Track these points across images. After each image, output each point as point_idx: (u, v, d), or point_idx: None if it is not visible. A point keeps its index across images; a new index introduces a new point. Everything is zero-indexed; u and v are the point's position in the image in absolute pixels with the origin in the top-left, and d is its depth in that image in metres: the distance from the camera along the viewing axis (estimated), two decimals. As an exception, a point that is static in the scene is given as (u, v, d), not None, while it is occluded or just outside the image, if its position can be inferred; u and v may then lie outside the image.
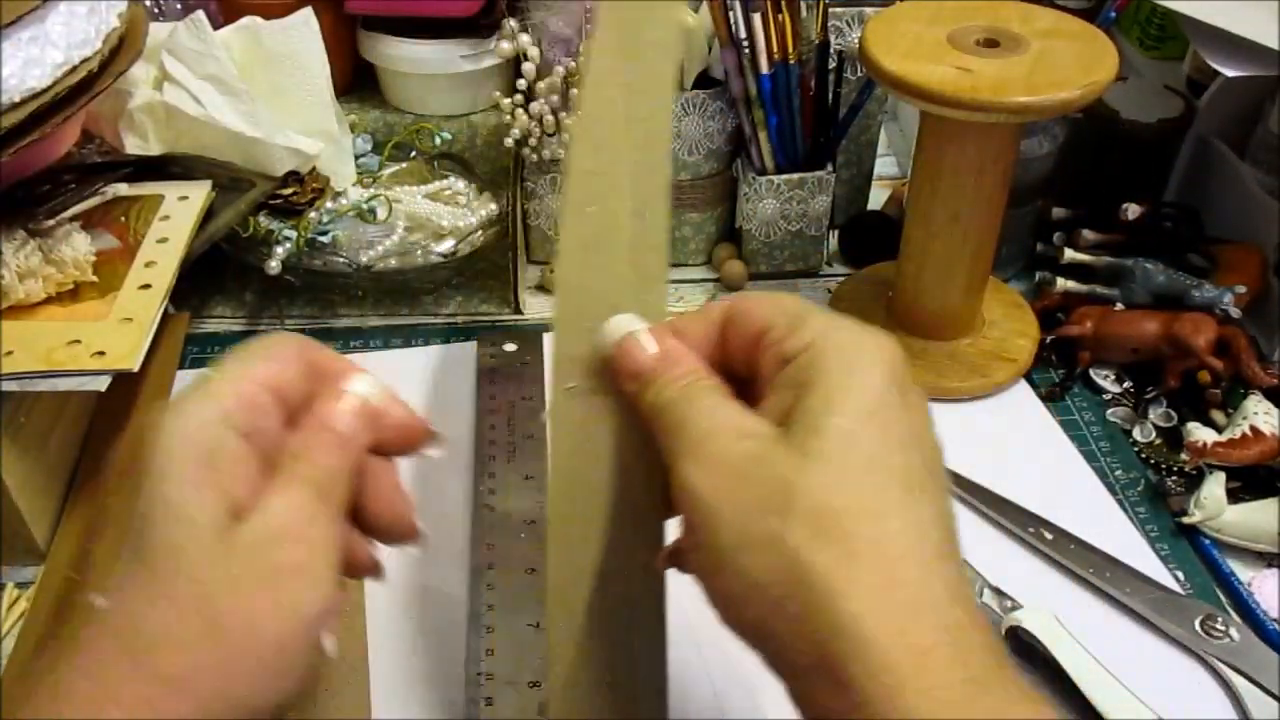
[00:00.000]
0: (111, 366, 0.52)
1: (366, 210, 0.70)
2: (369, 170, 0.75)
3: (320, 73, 0.70)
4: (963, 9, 0.61)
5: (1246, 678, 0.49)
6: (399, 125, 0.76)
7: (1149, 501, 0.60)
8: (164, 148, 0.68)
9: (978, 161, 0.59)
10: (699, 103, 0.70)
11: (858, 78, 0.74)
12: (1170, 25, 0.81)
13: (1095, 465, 0.62)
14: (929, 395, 0.67)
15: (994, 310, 0.69)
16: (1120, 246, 0.71)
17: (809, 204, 0.74)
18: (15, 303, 0.55)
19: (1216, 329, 0.63)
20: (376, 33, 0.74)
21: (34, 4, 0.53)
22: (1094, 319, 0.67)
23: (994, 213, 0.62)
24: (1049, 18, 0.61)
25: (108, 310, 0.55)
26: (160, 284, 0.57)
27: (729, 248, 0.77)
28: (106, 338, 0.53)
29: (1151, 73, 0.81)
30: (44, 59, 0.54)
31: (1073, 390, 0.67)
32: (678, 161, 0.73)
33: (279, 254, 0.67)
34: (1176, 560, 0.56)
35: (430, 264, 0.70)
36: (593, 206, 0.37)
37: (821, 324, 0.33)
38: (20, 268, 0.54)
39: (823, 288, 0.76)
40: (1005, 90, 0.54)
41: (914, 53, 0.57)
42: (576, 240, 0.37)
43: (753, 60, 0.67)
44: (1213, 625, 0.51)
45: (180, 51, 0.67)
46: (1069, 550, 0.55)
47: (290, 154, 0.68)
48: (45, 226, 0.57)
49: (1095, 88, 0.55)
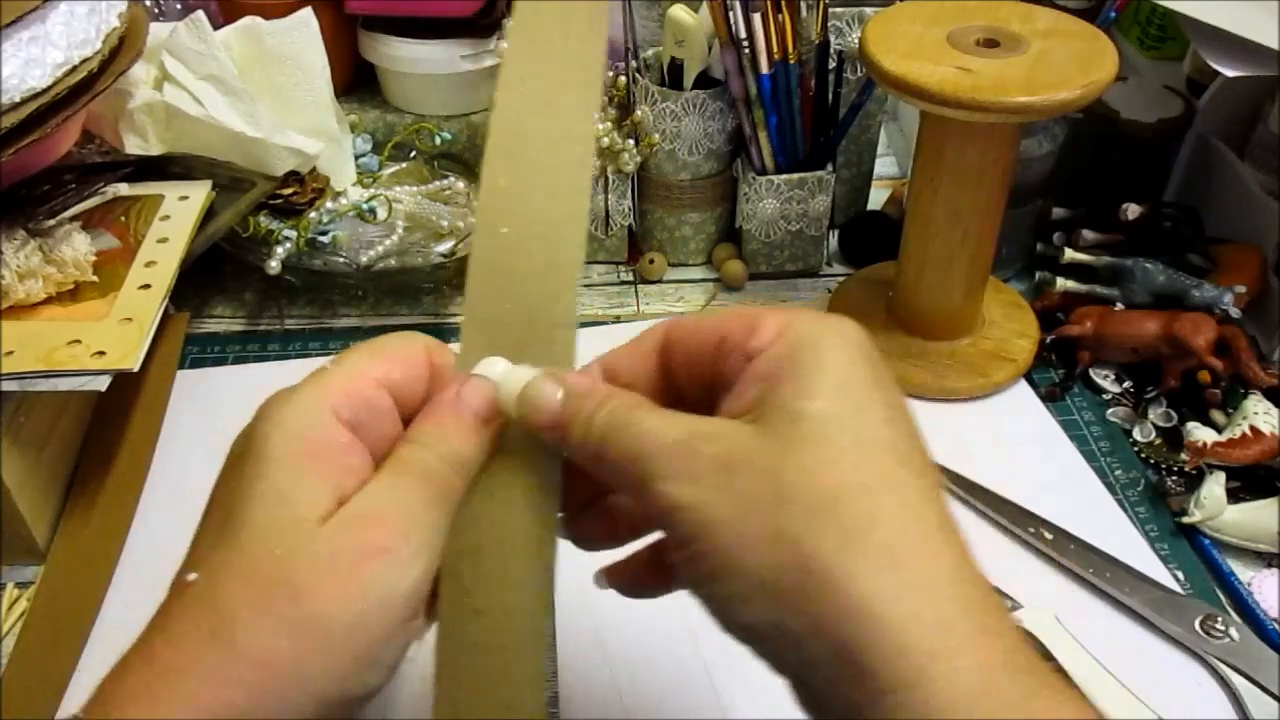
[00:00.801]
0: (111, 366, 0.52)
1: (366, 210, 0.70)
2: (369, 170, 0.75)
3: (320, 73, 0.70)
4: (963, 9, 0.61)
5: (1246, 678, 0.49)
6: (399, 125, 0.76)
7: (1149, 501, 0.60)
8: (164, 148, 0.68)
9: (978, 161, 0.59)
10: (699, 103, 0.70)
11: (858, 78, 0.74)
12: (1170, 25, 0.81)
13: (1095, 465, 0.62)
14: (929, 395, 0.68)
15: (994, 310, 0.70)
16: (1120, 246, 0.71)
17: (809, 204, 0.74)
18: (15, 303, 0.55)
19: (1216, 329, 0.63)
20: (376, 33, 0.74)
21: (34, 4, 0.53)
22: (1094, 319, 0.67)
23: (994, 213, 0.63)
24: (1049, 18, 0.61)
25: (108, 310, 0.55)
26: (160, 284, 0.57)
27: (729, 248, 0.77)
28: (106, 338, 0.53)
29: (1151, 73, 0.81)
30: (44, 59, 0.54)
31: (1073, 390, 0.67)
32: (678, 161, 0.73)
33: (279, 254, 0.67)
34: (1176, 560, 0.56)
35: (430, 264, 0.70)
36: (505, 228, 0.34)
37: (781, 317, 0.32)
38: (20, 268, 0.54)
39: (823, 288, 0.76)
40: (1005, 90, 0.54)
41: (914, 53, 0.57)
42: (486, 262, 0.34)
43: (753, 60, 0.67)
44: (1213, 625, 0.51)
45: (180, 51, 0.67)
46: (1069, 550, 0.55)
47: (290, 154, 0.68)
48: (45, 226, 0.57)
49: (1095, 88, 0.55)
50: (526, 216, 0.35)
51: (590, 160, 0.36)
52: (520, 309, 0.34)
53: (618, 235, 0.77)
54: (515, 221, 0.34)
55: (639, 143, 0.72)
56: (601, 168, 0.73)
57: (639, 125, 0.72)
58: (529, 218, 0.35)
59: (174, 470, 0.60)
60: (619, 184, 0.74)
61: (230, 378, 0.67)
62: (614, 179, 0.73)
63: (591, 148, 0.36)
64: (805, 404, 0.29)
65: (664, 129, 0.72)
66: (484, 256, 0.34)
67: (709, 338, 0.33)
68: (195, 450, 0.61)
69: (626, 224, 0.76)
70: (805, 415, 0.29)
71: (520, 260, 0.34)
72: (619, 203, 0.75)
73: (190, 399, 0.65)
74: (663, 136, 0.72)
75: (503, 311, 0.34)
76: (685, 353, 0.35)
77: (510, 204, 0.35)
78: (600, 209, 0.75)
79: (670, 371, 0.35)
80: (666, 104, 0.71)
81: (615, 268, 0.78)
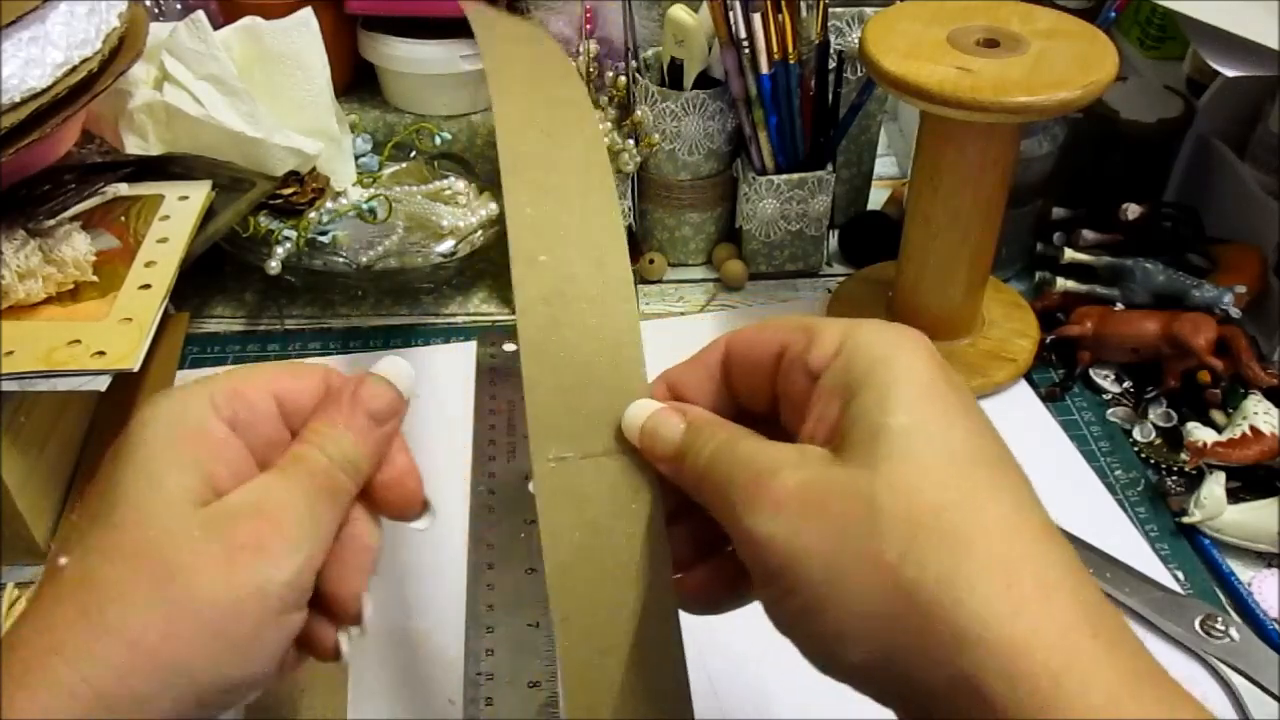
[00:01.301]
0: (111, 366, 0.52)
1: (366, 210, 0.70)
2: (369, 170, 0.75)
3: (320, 73, 0.70)
4: (963, 9, 0.61)
5: (1246, 678, 0.49)
6: (399, 125, 0.76)
7: (1149, 501, 0.60)
8: (164, 148, 0.68)
9: (978, 161, 0.59)
10: (699, 103, 0.70)
11: (858, 78, 0.74)
12: (1170, 25, 0.81)
13: (1095, 465, 0.62)
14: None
15: (994, 310, 0.69)
16: (1120, 246, 0.71)
17: (809, 204, 0.74)
18: (15, 303, 0.55)
19: (1216, 329, 0.63)
20: (376, 33, 0.74)
21: (34, 4, 0.53)
22: (1094, 319, 0.67)
23: (994, 213, 0.62)
24: (1049, 18, 0.61)
25: (108, 310, 0.55)
26: (160, 284, 0.57)
27: (729, 248, 0.77)
28: (106, 338, 0.53)
29: (1151, 73, 0.81)
30: (44, 59, 0.54)
31: (1073, 390, 0.67)
32: (678, 161, 0.73)
33: (279, 254, 0.67)
34: (1176, 560, 0.56)
35: (430, 264, 0.70)
36: (544, 255, 0.34)
37: (841, 328, 0.31)
38: (20, 268, 0.54)
39: (823, 288, 0.76)
40: (1005, 90, 0.54)
41: (914, 53, 0.57)
42: (535, 294, 0.34)
43: (753, 60, 0.67)
44: (1213, 625, 0.51)
45: (180, 51, 0.66)
46: (1069, 550, 0.55)
47: (290, 154, 0.68)
48: (45, 226, 0.57)
49: (1095, 88, 0.55)
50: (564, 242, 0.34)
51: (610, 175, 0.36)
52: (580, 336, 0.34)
53: (618, 235, 0.77)
54: (553, 252, 0.34)
55: (639, 143, 0.72)
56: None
57: (639, 125, 0.72)
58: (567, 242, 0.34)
59: (174, 470, 0.60)
60: (619, 184, 0.74)
61: (230, 378, 0.67)
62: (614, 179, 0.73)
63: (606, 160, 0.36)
64: (887, 419, 0.28)
65: (664, 129, 0.72)
66: (530, 288, 0.34)
67: (767, 351, 0.33)
68: (195, 450, 0.61)
69: (626, 224, 0.76)
70: (888, 431, 0.28)
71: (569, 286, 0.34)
72: (619, 203, 0.75)
73: (190, 399, 0.65)
74: (663, 136, 0.72)
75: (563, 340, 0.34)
76: (745, 367, 0.34)
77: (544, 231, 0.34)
78: (600, 209, 0.75)
79: (733, 386, 0.34)
80: (666, 104, 0.71)
81: (615, 268, 0.78)
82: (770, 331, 0.33)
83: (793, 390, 0.32)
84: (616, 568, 0.33)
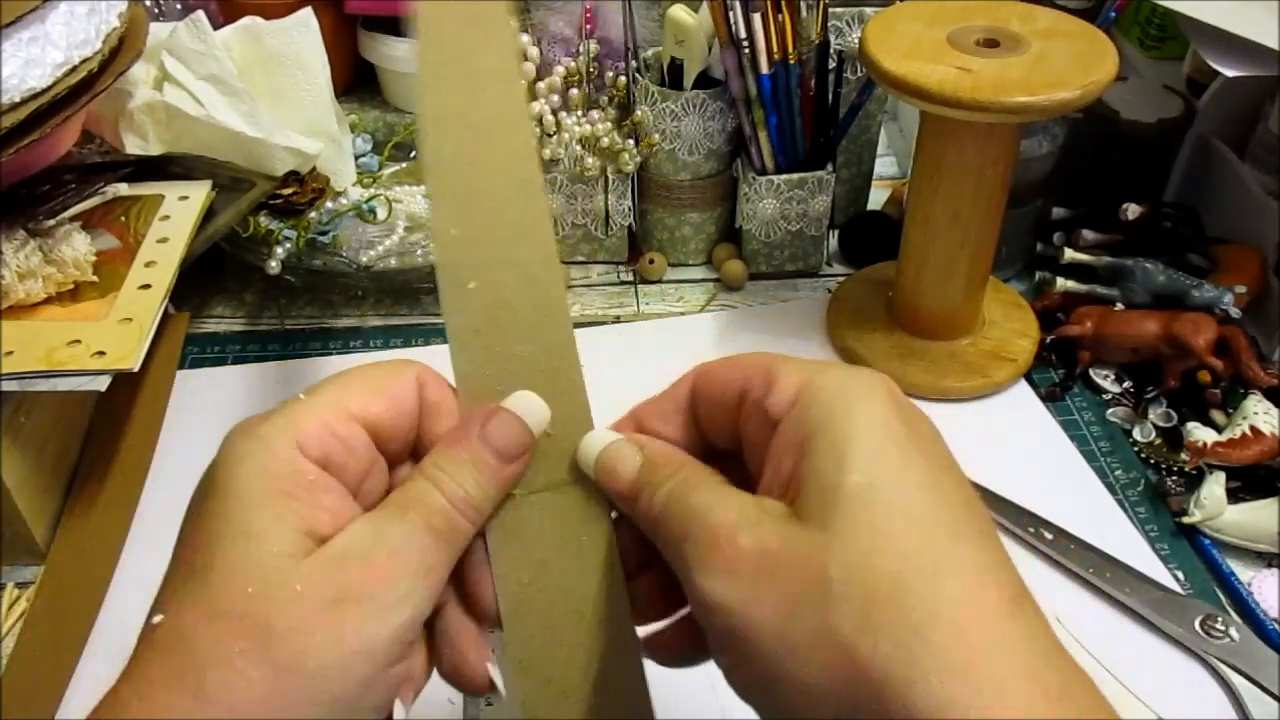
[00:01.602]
0: (111, 366, 0.52)
1: (366, 210, 0.70)
2: (369, 170, 0.75)
3: (320, 73, 0.70)
4: (963, 9, 0.61)
5: (1246, 678, 0.49)
6: (399, 125, 0.76)
7: (1149, 501, 0.60)
8: (164, 148, 0.68)
9: (978, 161, 0.59)
10: (699, 103, 0.70)
11: (858, 78, 0.74)
12: (1170, 25, 0.81)
13: (1095, 465, 0.62)
14: (929, 395, 0.68)
15: (994, 310, 0.70)
16: (1120, 246, 0.71)
17: (809, 204, 0.74)
18: (15, 303, 0.55)
19: (1216, 329, 0.63)
20: (376, 33, 0.74)
21: (34, 4, 0.53)
22: (1094, 319, 0.67)
23: (994, 213, 0.63)
24: (1049, 18, 0.61)
25: (108, 310, 0.55)
26: (160, 284, 0.57)
27: (729, 248, 0.77)
28: (106, 338, 0.53)
29: (1151, 73, 0.81)
30: (44, 59, 0.54)
31: (1073, 390, 0.67)
32: (678, 161, 0.73)
33: (279, 254, 0.67)
34: (1176, 560, 0.56)
35: (430, 264, 0.70)
36: (473, 282, 0.32)
37: (801, 372, 0.30)
38: (20, 268, 0.54)
39: (823, 288, 0.76)
40: (1005, 90, 0.54)
41: (914, 53, 0.57)
42: (467, 325, 0.32)
43: (753, 60, 0.67)
44: (1213, 625, 0.51)
45: (180, 51, 0.67)
46: (1069, 550, 0.55)
47: (290, 154, 0.68)
48: (45, 226, 0.57)
49: (1095, 88, 0.55)
50: (493, 264, 0.32)
51: (541, 182, 0.33)
52: (513, 364, 0.32)
53: (618, 235, 0.77)
54: (483, 276, 0.32)
55: (639, 143, 0.72)
56: (601, 168, 0.73)
57: (639, 125, 0.72)
58: (497, 265, 0.32)
59: (174, 470, 0.60)
60: (619, 184, 0.74)
61: (230, 378, 0.67)
62: (614, 179, 0.73)
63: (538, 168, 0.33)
64: (841, 479, 0.27)
65: (664, 129, 0.72)
66: (459, 318, 0.32)
67: (731, 391, 0.32)
68: (195, 450, 0.60)
69: (626, 224, 0.76)
70: (843, 492, 0.27)
71: (500, 312, 0.32)
72: (619, 203, 0.75)
73: (190, 399, 0.65)
74: (663, 136, 0.72)
75: (495, 369, 0.32)
76: (709, 405, 0.33)
77: (472, 253, 0.32)
78: (600, 209, 0.75)
79: (700, 422, 0.33)
80: (666, 104, 0.71)
81: (615, 268, 0.78)
82: (734, 370, 0.32)
83: (753, 434, 0.31)
84: (569, 605, 0.32)
